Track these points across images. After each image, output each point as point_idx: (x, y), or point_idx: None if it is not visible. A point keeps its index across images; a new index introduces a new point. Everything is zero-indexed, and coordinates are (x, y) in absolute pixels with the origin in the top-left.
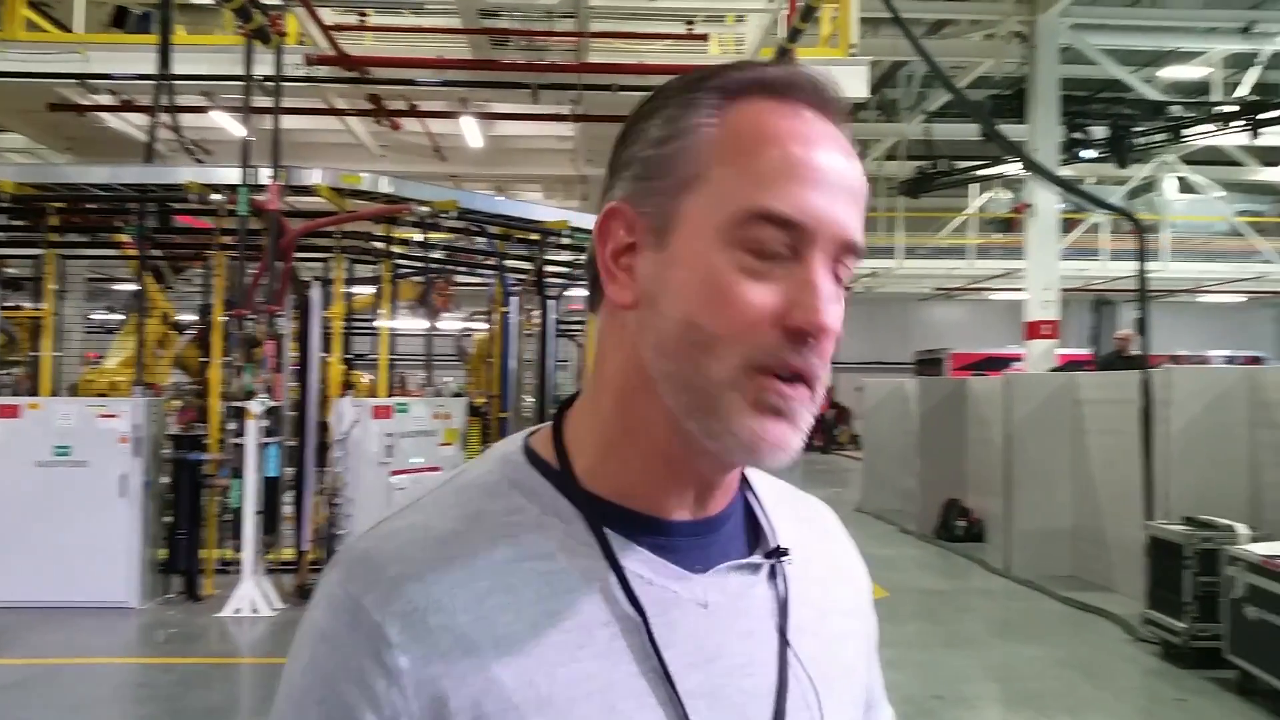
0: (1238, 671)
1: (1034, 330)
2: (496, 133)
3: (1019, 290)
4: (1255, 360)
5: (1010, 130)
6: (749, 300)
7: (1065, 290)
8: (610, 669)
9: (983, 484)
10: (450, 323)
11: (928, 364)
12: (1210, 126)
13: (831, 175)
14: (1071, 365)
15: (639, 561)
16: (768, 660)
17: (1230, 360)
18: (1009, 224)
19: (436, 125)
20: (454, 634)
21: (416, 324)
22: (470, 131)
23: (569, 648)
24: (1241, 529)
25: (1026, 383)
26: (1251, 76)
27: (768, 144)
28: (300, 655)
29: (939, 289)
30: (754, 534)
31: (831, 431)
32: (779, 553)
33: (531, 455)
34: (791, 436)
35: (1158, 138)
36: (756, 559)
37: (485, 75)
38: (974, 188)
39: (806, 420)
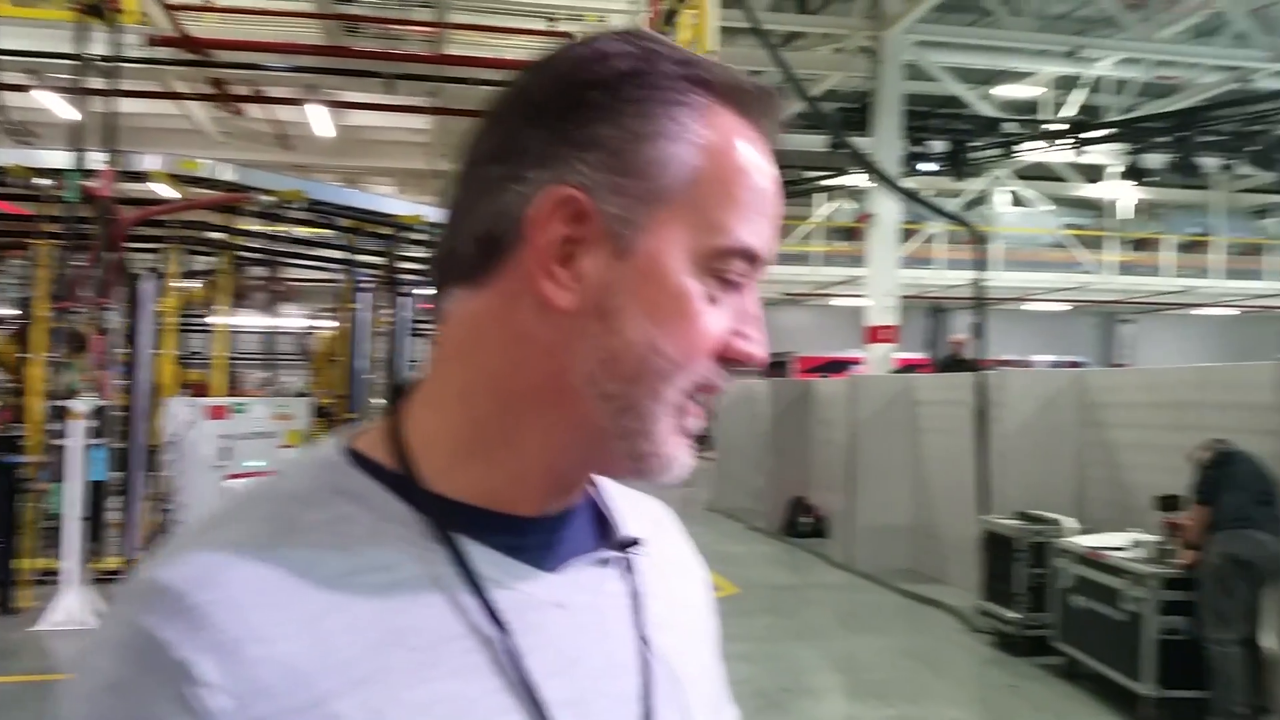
0: (1065, 658)
1: (874, 335)
2: (348, 123)
3: (861, 296)
4: (1077, 365)
5: (855, 142)
6: (712, 332)
7: (904, 297)
8: (467, 687)
9: (827, 482)
10: (294, 320)
11: (775, 366)
12: (1039, 143)
13: (777, 206)
14: (908, 369)
15: (491, 565)
16: (629, 660)
17: (1055, 365)
18: (852, 233)
19: (283, 113)
20: (281, 666)
21: (257, 320)
22: (319, 120)
23: (419, 668)
24: (1069, 523)
25: (869, 384)
26: (1077, 98)
27: (744, 172)
28: (74, 717)
29: (786, 294)
30: (601, 528)
31: None
32: (630, 544)
33: (356, 458)
34: (692, 455)
35: (991, 153)
36: (609, 552)
37: (336, 62)
38: (820, 197)
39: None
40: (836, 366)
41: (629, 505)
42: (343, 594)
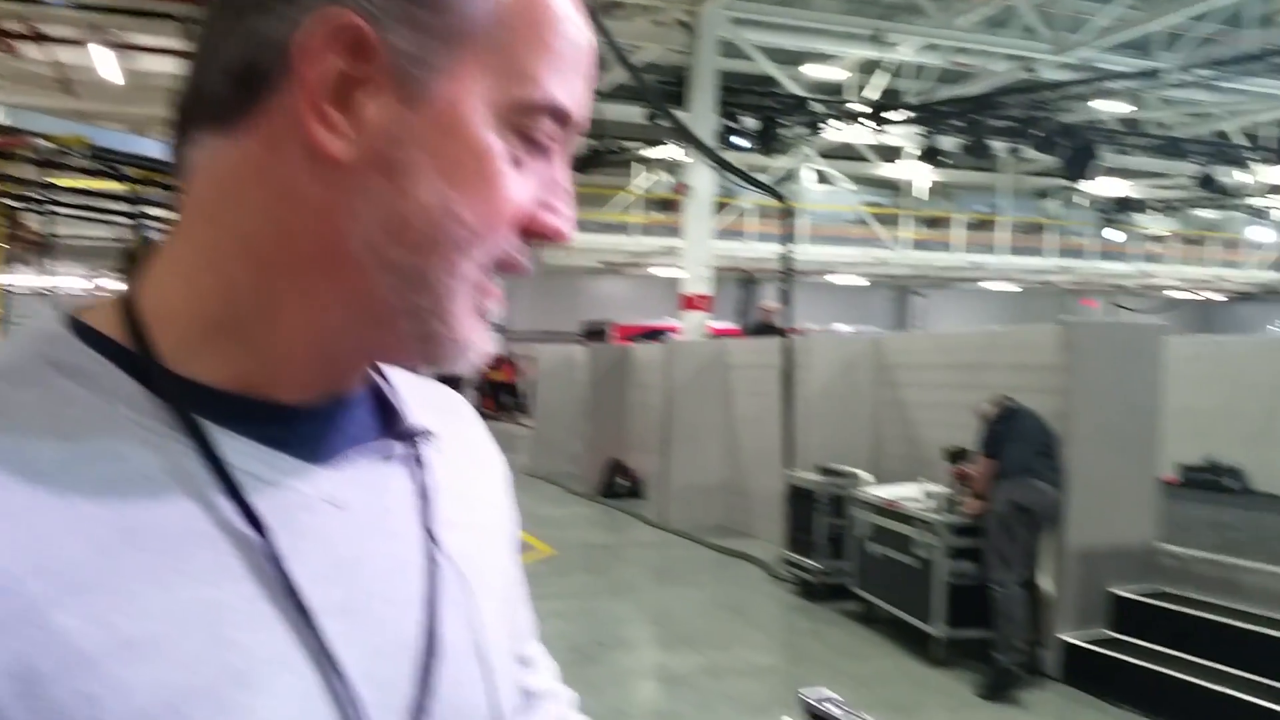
0: (863, 603)
1: (689, 304)
2: (137, 67)
3: (677, 267)
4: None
5: (674, 113)
6: (515, 199)
7: (717, 268)
8: (218, 593)
9: (643, 444)
10: (75, 280)
11: (594, 334)
12: (843, 123)
13: (591, 68)
14: (721, 338)
15: (246, 457)
16: (413, 559)
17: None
18: (669, 205)
19: (65, 54)
20: None
21: (33, 280)
22: (105, 64)
23: (158, 572)
24: (866, 476)
25: (685, 349)
26: (879, 81)
27: (559, 18)
28: None
29: (605, 263)
30: (385, 419)
31: (510, 398)
32: (418, 435)
33: (83, 331)
34: (489, 339)
35: (800, 131)
36: (392, 444)
37: (124, 1)
38: (638, 168)
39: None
40: (653, 335)
41: (418, 393)
42: (59, 486)
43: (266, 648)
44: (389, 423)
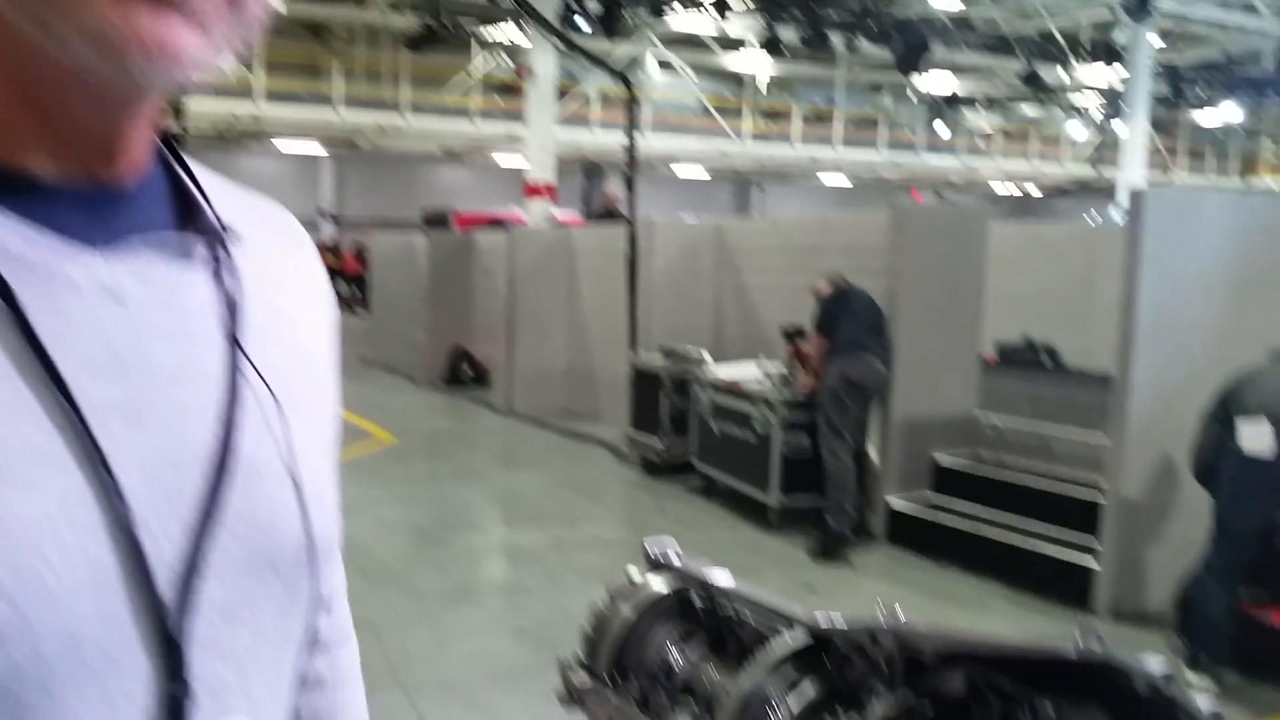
0: (705, 478)
1: (533, 192)
2: None
3: (520, 155)
4: None
5: None
6: None
7: (560, 158)
8: None
9: (488, 332)
10: None
11: (435, 222)
12: (686, 9)
13: None
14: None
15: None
16: (212, 369)
17: None
18: (510, 90)
19: None
20: None
21: None
22: None
23: None
24: (708, 356)
25: (528, 237)
26: None
27: None
28: None
29: (445, 149)
30: (187, 215)
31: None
32: (223, 235)
33: None
34: (184, 34)
35: (643, 15)
36: (192, 241)
37: None
38: (477, 49)
39: (216, 20)
40: (496, 224)
41: (241, 205)
42: None
43: (24, 440)
44: (190, 220)
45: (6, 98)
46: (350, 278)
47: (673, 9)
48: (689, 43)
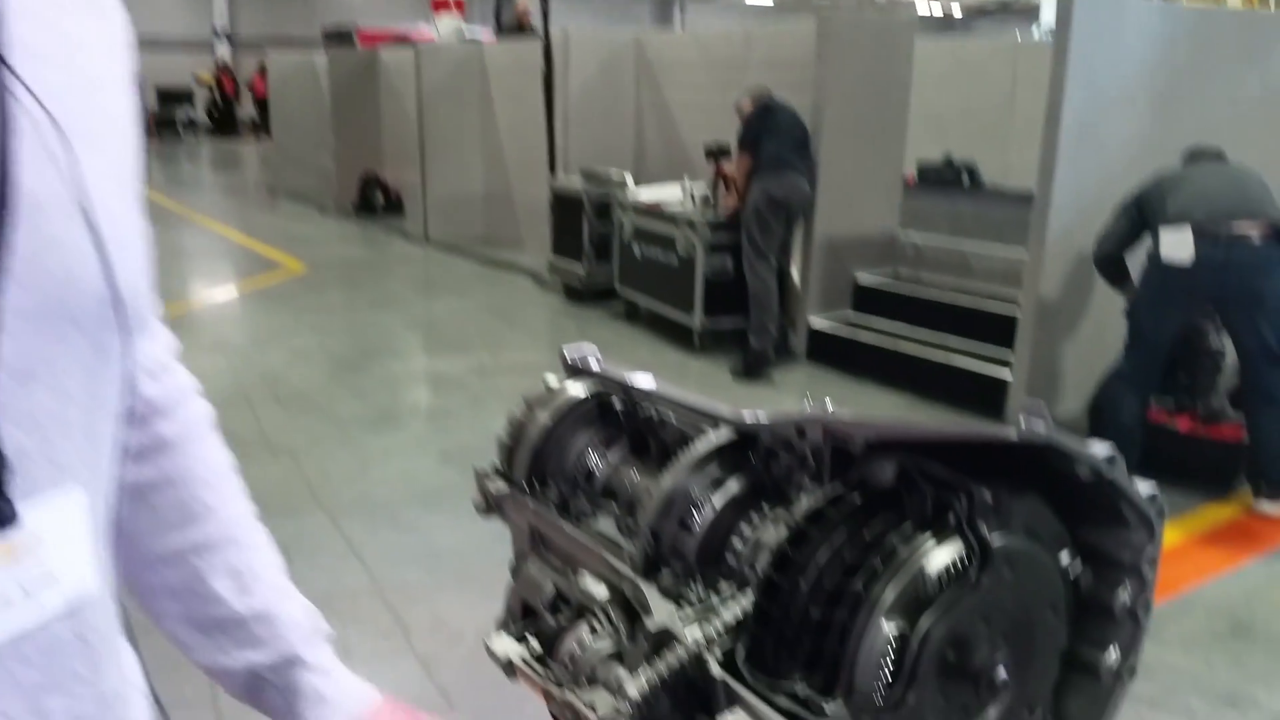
0: (626, 303)
1: (440, 6)
2: None
3: None
4: None
5: None
6: None
7: None
8: None
9: (399, 157)
10: None
11: (336, 40)
12: None
13: None
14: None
15: None
16: None
17: None
18: None
19: None
20: None
21: None
22: None
23: None
24: (629, 179)
25: (437, 54)
26: None
27: None
28: None
29: None
30: None
31: (232, 114)
32: None
33: None
34: None
35: None
36: None
37: None
38: None
39: None
40: (401, 42)
41: None
42: None
43: None
44: None
45: None
46: (259, 100)
47: None
48: None
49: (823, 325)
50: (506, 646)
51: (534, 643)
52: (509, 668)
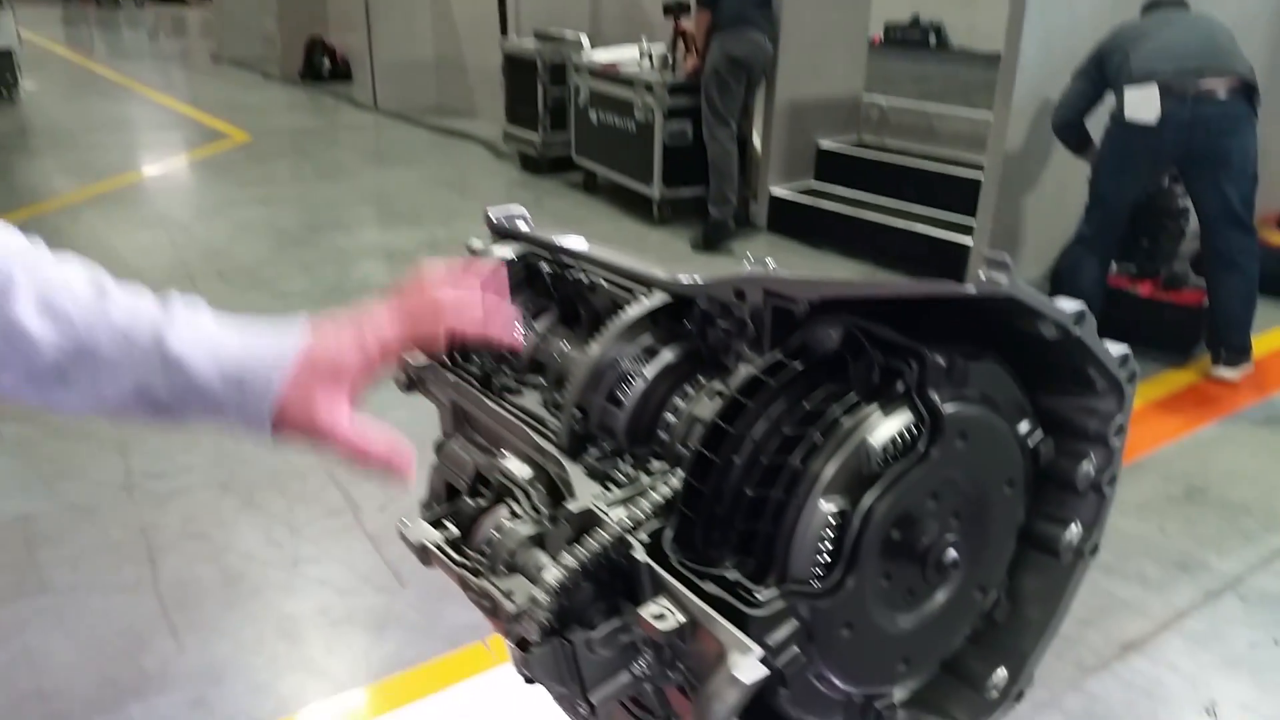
0: (584, 172)
1: None
2: None
3: None
4: None
5: None
6: None
7: None
8: None
9: (344, 20)
10: None
11: None
12: None
13: None
14: None
15: None
16: None
17: None
18: None
19: None
20: None
21: None
22: None
23: None
24: (585, 40)
25: None
26: None
27: None
28: None
29: None
30: None
31: None
32: None
33: None
34: None
35: None
36: None
37: None
38: None
39: None
40: None
41: None
42: None
43: None
44: None
45: None
46: None
47: None
48: None
49: (784, 194)
50: (422, 532)
51: (452, 527)
52: (423, 553)
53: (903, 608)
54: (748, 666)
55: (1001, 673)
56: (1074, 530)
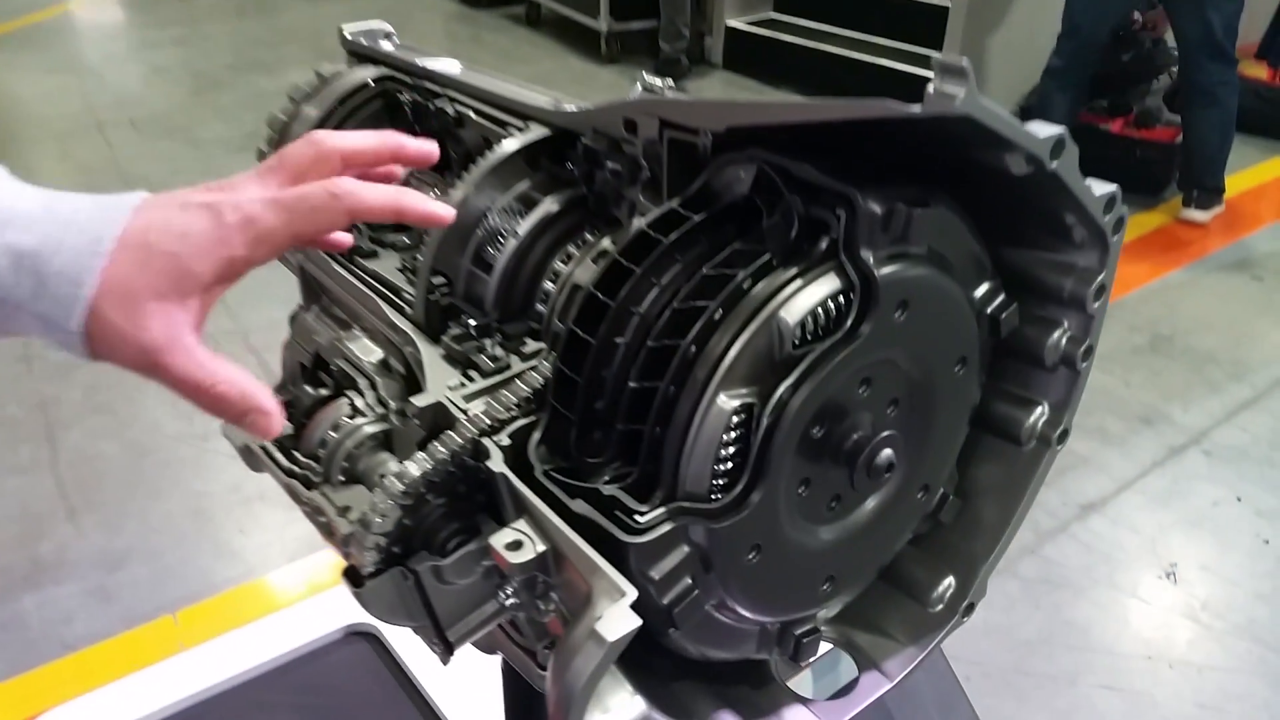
0: (529, 5)
1: None
2: None
3: None
4: None
5: None
6: None
7: None
8: None
9: None
10: None
11: None
12: None
13: None
14: None
15: None
16: None
17: None
18: None
19: None
20: None
21: None
22: None
23: None
24: None
25: None
26: None
27: None
28: None
29: None
30: None
31: None
32: None
33: None
34: None
35: None
36: None
37: None
38: None
39: None
40: None
41: None
42: None
43: None
44: None
45: None
46: None
47: None
48: None
49: (741, 25)
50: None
51: (285, 422)
52: (247, 455)
53: (826, 519)
54: (615, 618)
55: (949, 581)
56: (1040, 412)
